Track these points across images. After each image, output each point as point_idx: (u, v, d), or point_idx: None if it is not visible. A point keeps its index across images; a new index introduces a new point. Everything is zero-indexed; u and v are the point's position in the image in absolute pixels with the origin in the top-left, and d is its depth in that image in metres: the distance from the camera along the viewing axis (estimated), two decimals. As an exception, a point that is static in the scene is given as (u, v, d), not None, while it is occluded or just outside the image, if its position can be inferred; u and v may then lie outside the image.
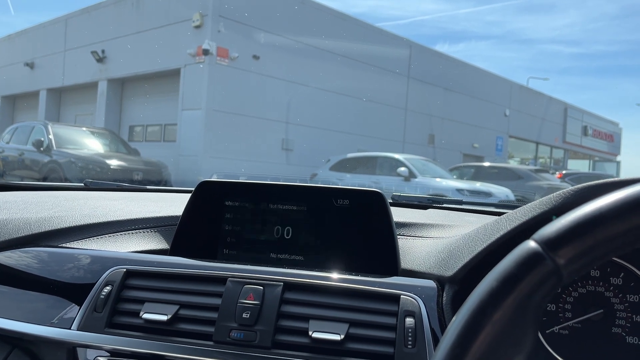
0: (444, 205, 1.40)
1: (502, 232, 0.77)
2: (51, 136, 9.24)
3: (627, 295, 0.83)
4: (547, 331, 0.85)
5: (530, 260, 0.49)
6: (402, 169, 9.89)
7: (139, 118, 15.37)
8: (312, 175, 10.94)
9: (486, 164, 14.79)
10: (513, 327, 0.49)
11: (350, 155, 11.44)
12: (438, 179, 9.92)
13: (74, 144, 9.46)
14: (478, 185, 9.73)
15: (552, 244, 0.48)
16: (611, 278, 0.85)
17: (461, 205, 1.41)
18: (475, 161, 17.39)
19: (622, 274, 0.84)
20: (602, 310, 0.84)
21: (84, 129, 11.00)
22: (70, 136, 9.78)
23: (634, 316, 0.83)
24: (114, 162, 9.03)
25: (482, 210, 1.31)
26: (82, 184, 1.62)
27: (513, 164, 20.33)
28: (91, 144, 9.84)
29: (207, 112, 13.11)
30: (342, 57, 15.35)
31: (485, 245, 0.80)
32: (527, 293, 0.48)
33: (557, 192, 0.73)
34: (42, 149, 9.17)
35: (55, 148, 9.10)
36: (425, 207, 1.37)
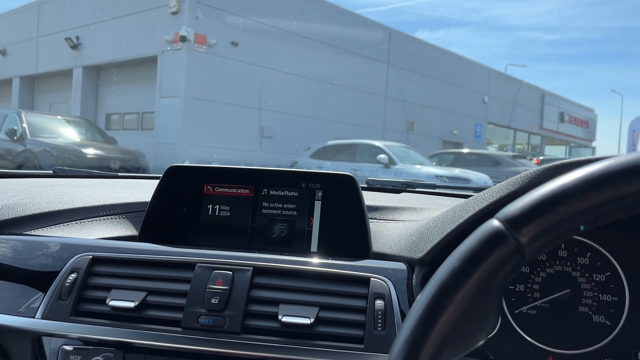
0: (418, 189, 1.40)
1: (470, 214, 0.77)
2: (25, 125, 9.02)
3: (594, 275, 0.84)
4: (515, 311, 0.86)
5: (493, 239, 0.48)
6: (382, 156, 9.91)
7: (115, 106, 15.13)
8: (292, 162, 10.91)
9: (465, 150, 14.89)
10: (476, 306, 0.49)
11: (330, 142, 11.42)
12: (417, 166, 9.98)
13: (48, 133, 9.26)
14: (457, 171, 9.81)
15: (515, 223, 0.48)
16: (578, 258, 0.85)
17: (434, 189, 1.41)
18: (454, 148, 17.52)
19: (589, 253, 0.85)
20: (569, 290, 0.84)
21: (59, 117, 10.77)
22: (44, 125, 9.57)
23: (600, 295, 0.84)
24: (90, 151, 8.87)
25: (455, 194, 1.31)
26: (51, 172, 1.58)
27: (491, 150, 20.53)
28: (67, 133, 9.65)
29: (185, 100, 12.96)
30: (322, 43, 15.28)
31: (453, 226, 0.80)
32: (490, 272, 0.48)
33: (524, 173, 0.73)
34: (15, 138, 8.95)
35: (29, 137, 8.90)
36: (398, 192, 1.37)
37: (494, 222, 0.49)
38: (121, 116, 15.29)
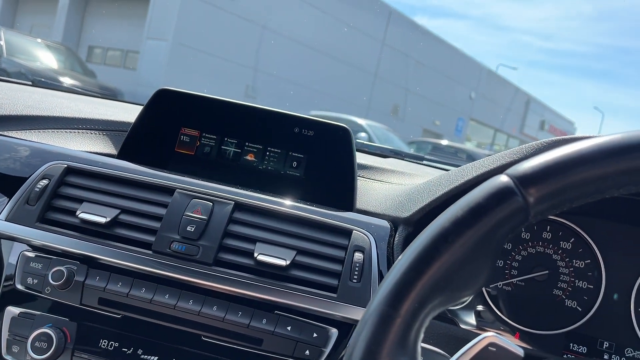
0: (405, 159, 1.38)
1: (467, 178, 0.76)
2: (2, 42, 8.64)
3: (574, 261, 0.84)
4: (490, 285, 0.86)
5: (500, 194, 0.47)
6: (363, 134, 9.83)
7: (100, 39, 14.62)
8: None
9: (444, 142, 14.96)
10: (472, 258, 0.47)
11: (313, 112, 11.30)
12: (396, 150, 9.95)
13: (26, 55, 8.89)
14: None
15: (525, 180, 0.46)
16: (561, 242, 0.85)
17: (422, 162, 1.39)
18: (434, 138, 17.60)
19: (573, 239, 0.84)
20: (547, 272, 0.84)
21: (39, 40, 10.35)
22: (23, 45, 9.18)
23: (577, 281, 0.84)
24: (67, 80, 8.49)
25: (444, 168, 1.30)
26: (30, 82, 1.51)
27: (469, 146, 20.69)
28: (45, 58, 9.28)
29: (174, 45, 12.62)
30: (319, 10, 15.00)
31: (447, 189, 0.78)
32: (493, 226, 0.47)
33: (530, 143, 0.71)
34: (-9, 53, 8.58)
35: (5, 55, 8.52)
36: (385, 157, 1.35)
37: (503, 178, 0.48)
38: (104, 50, 14.81)
